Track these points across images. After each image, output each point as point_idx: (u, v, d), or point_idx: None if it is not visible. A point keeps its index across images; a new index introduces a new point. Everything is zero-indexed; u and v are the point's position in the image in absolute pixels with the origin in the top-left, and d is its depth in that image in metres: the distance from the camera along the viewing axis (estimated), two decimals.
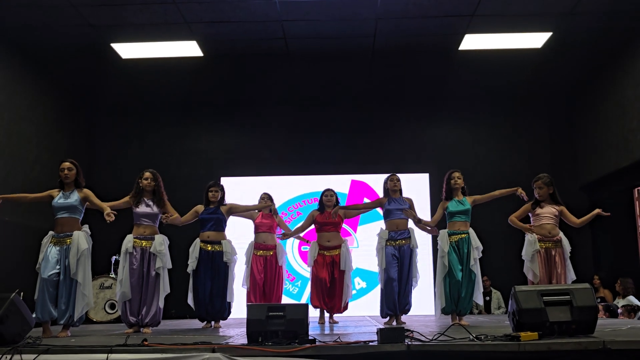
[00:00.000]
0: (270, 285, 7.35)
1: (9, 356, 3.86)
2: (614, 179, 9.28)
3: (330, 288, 7.17)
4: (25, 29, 8.03)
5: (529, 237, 6.19)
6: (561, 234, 6.18)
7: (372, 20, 7.96)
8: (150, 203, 6.17)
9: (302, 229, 7.47)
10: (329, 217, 7.16)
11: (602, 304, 8.14)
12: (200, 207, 6.88)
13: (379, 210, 7.08)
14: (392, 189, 6.89)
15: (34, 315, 5.09)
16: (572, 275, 6.07)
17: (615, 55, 9.01)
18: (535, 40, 8.57)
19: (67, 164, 5.82)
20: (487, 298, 9.78)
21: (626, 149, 8.78)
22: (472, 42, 8.59)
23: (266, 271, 7.34)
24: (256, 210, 7.45)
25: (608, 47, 8.87)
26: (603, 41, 8.66)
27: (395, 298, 6.62)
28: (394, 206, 6.82)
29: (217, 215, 6.80)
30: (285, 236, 7.53)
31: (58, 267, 5.58)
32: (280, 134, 10.85)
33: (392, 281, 6.61)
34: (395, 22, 8.05)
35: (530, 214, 6.37)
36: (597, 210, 6.20)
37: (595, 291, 7.04)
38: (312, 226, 7.41)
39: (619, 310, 7.88)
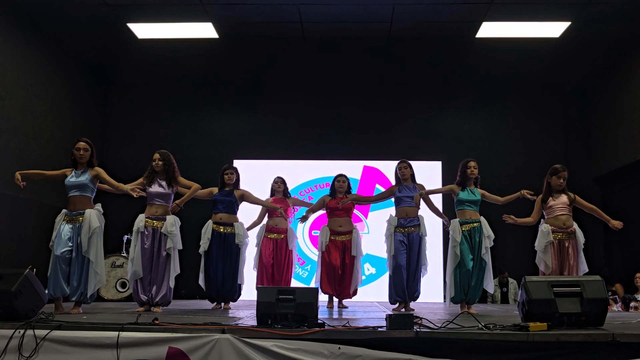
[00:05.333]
0: (279, 268, 7.37)
1: (22, 331, 3.92)
2: (628, 171, 9.20)
3: (342, 274, 7.20)
4: (41, 6, 8.04)
5: (543, 228, 6.13)
6: (575, 225, 6.12)
7: (389, 6, 7.90)
8: (163, 183, 6.19)
9: (312, 210, 7.51)
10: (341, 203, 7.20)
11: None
12: (215, 189, 6.94)
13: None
14: (403, 178, 6.88)
15: (46, 292, 5.15)
16: (584, 268, 6.00)
17: (633, 47, 8.90)
18: (554, 29, 8.48)
19: (83, 144, 5.84)
20: (505, 289, 9.77)
21: None
22: (489, 30, 8.51)
23: (276, 254, 7.36)
24: (268, 197, 7.52)
25: (626, 39, 8.76)
26: (621, 32, 8.55)
27: (404, 285, 6.64)
28: (404, 194, 6.81)
29: (230, 198, 6.86)
30: (305, 219, 7.47)
31: (70, 244, 5.64)
32: (294, 118, 10.83)
33: (400, 268, 6.62)
34: (413, 8, 7.99)
35: (543, 209, 6.27)
36: (611, 223, 6.16)
37: None
38: (323, 210, 7.45)
39: (632, 304, 7.87)
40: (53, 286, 5.57)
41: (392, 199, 6.99)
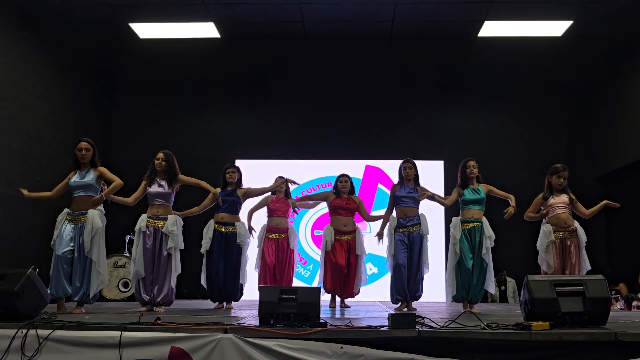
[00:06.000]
0: (280, 268, 7.37)
1: (24, 331, 3.93)
2: (630, 170, 9.19)
3: (346, 273, 7.21)
4: (43, 6, 8.04)
5: (545, 228, 6.13)
6: (577, 224, 6.12)
7: (391, 5, 7.89)
8: (163, 183, 6.19)
9: (309, 198, 7.51)
10: (346, 202, 7.20)
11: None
12: (218, 190, 6.92)
13: None
14: (406, 178, 6.86)
15: (48, 292, 5.15)
16: (587, 266, 6.01)
17: (635, 46, 8.88)
18: (556, 28, 8.46)
19: (84, 144, 5.87)
20: (503, 288, 9.77)
21: None
22: (491, 29, 8.48)
23: (277, 254, 7.36)
24: (270, 193, 7.48)
25: (628, 38, 8.74)
26: (623, 31, 8.53)
27: (405, 284, 6.62)
28: (403, 193, 6.79)
29: (232, 197, 6.86)
30: (294, 204, 7.46)
31: (72, 244, 5.66)
32: (296, 117, 10.82)
33: (400, 267, 6.61)
34: (414, 7, 7.97)
35: (542, 206, 6.29)
36: (605, 202, 6.18)
37: None
38: (325, 205, 7.46)
39: (635, 303, 7.87)
40: (55, 286, 5.58)
41: None
